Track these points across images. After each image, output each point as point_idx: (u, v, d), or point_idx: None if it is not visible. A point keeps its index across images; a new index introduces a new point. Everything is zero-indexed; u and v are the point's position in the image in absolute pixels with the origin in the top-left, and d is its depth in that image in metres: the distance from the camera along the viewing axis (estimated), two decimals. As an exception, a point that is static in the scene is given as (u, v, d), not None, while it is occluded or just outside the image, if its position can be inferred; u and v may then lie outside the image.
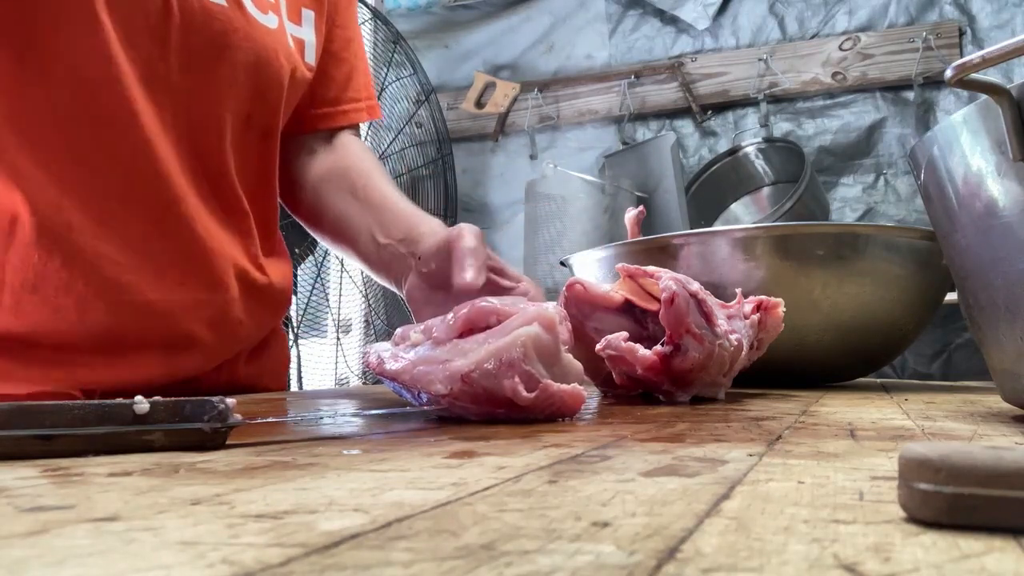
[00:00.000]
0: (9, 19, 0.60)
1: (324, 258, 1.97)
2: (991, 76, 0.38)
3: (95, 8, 0.61)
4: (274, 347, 0.82)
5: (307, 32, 0.79)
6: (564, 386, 0.45)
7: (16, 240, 0.61)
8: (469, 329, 0.48)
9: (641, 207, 0.94)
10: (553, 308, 0.48)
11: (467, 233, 0.65)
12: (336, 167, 0.84)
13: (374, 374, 0.52)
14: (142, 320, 0.66)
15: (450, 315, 0.49)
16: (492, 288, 0.65)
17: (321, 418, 0.48)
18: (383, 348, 0.52)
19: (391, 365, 0.49)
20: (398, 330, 0.54)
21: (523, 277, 0.67)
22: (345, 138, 0.87)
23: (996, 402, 0.58)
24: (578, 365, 0.48)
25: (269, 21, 0.73)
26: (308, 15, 0.79)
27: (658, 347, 0.56)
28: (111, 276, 0.65)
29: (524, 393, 0.43)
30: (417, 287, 0.71)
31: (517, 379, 0.43)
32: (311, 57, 0.79)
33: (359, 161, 0.84)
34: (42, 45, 0.61)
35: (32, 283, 0.62)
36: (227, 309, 0.72)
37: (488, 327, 0.48)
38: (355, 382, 2.07)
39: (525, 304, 0.49)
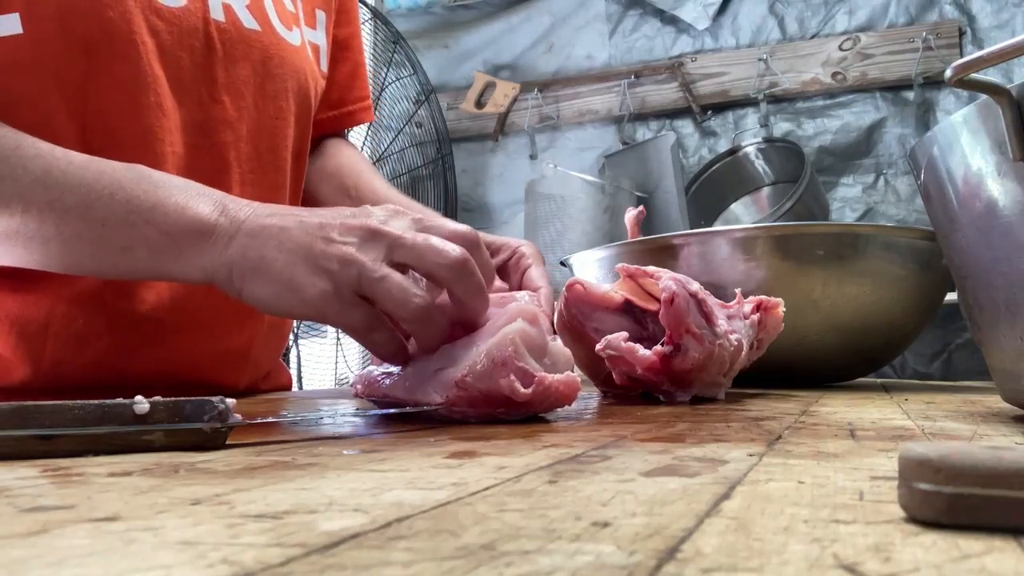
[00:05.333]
0: (71, 89, 0.58)
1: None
2: (991, 76, 0.38)
3: (149, 61, 0.60)
4: (273, 377, 0.82)
5: (320, 36, 0.78)
6: (558, 376, 0.45)
7: (64, 295, 0.61)
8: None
9: (641, 207, 0.94)
10: (528, 298, 0.48)
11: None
12: (325, 169, 0.83)
13: (364, 399, 0.52)
14: (166, 372, 0.66)
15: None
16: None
17: (321, 418, 0.48)
18: (366, 373, 0.52)
19: (382, 383, 0.49)
20: None
21: (511, 241, 0.64)
22: (331, 140, 0.86)
23: (996, 402, 0.58)
24: (566, 351, 0.48)
25: (293, 38, 0.72)
26: (321, 17, 0.78)
27: (658, 347, 0.56)
28: (145, 333, 0.64)
29: (522, 390, 0.43)
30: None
31: (512, 376, 0.43)
32: (324, 64, 0.78)
33: (348, 160, 0.84)
34: (100, 109, 0.59)
35: (76, 339, 0.61)
36: (247, 353, 0.72)
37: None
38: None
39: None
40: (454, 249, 0.46)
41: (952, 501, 0.19)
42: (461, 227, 0.48)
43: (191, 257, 0.50)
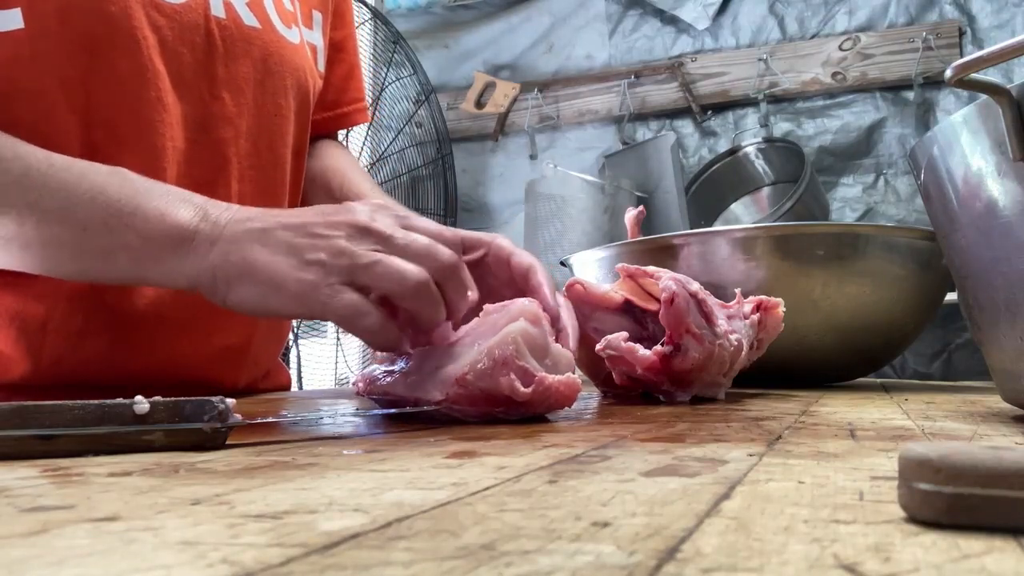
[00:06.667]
0: (72, 84, 0.58)
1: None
2: (991, 76, 0.38)
3: (150, 56, 0.60)
4: (273, 377, 0.82)
5: (317, 37, 0.78)
6: (559, 377, 0.45)
7: (64, 292, 0.60)
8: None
9: (641, 207, 0.94)
10: (529, 300, 0.49)
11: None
12: (311, 170, 0.82)
13: (365, 397, 0.52)
14: (166, 370, 0.66)
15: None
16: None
17: (321, 418, 0.48)
18: (368, 371, 0.52)
19: (383, 381, 0.49)
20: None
21: (486, 236, 0.61)
22: (321, 142, 0.86)
23: (996, 402, 0.58)
24: (567, 353, 0.48)
25: (293, 37, 0.72)
26: (318, 18, 0.78)
27: (658, 347, 0.56)
28: (145, 330, 0.64)
29: (521, 389, 0.43)
30: None
31: (512, 376, 0.43)
32: (321, 64, 0.79)
33: (334, 160, 0.83)
34: (101, 104, 0.59)
35: (76, 335, 0.61)
36: (246, 351, 0.72)
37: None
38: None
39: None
40: (445, 252, 0.47)
41: (952, 501, 0.18)
42: (444, 229, 0.49)
43: (173, 263, 0.50)
